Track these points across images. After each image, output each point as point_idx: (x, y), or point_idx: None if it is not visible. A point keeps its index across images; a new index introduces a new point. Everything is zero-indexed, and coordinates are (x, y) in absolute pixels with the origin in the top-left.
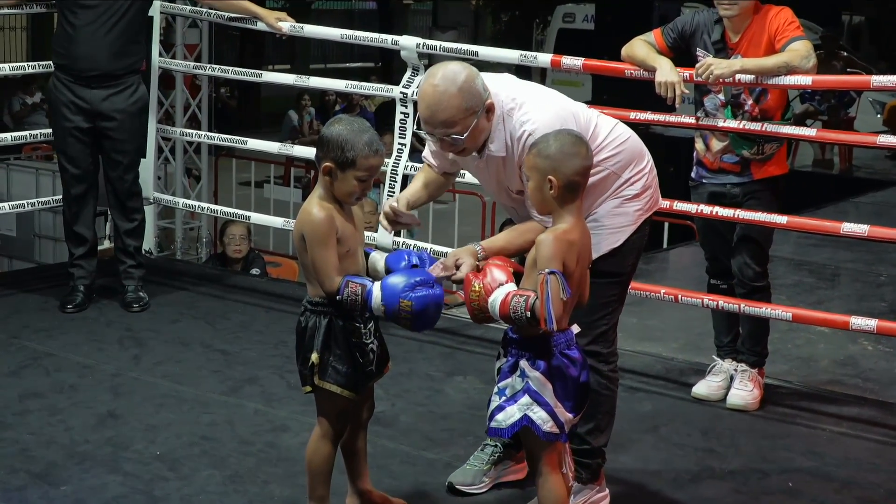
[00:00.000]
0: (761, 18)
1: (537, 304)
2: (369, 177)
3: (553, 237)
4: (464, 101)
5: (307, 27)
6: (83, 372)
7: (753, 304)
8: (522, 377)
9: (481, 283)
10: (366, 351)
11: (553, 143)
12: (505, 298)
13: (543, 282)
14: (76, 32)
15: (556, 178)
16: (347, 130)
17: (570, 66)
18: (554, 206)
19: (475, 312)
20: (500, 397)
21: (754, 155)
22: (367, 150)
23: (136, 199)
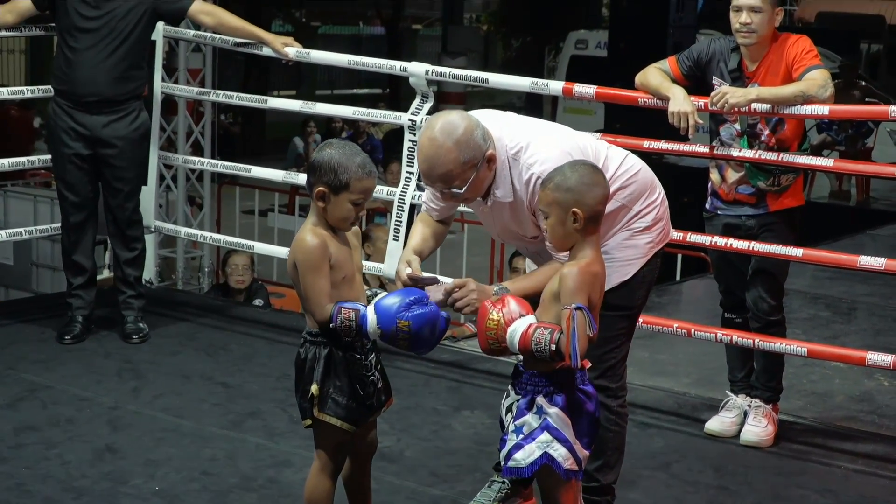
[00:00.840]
0: (779, 47)
1: (562, 340)
2: (363, 200)
3: (578, 270)
4: (461, 155)
5: (314, 53)
6: (81, 405)
7: (768, 339)
8: (540, 414)
9: (500, 313)
10: (367, 383)
11: (572, 176)
12: (526, 330)
13: (570, 317)
14: (76, 56)
15: (580, 210)
16: (339, 154)
17: (583, 95)
18: (577, 239)
19: (490, 343)
20: (518, 435)
21: (770, 186)
22: (361, 172)
23: (136, 227)
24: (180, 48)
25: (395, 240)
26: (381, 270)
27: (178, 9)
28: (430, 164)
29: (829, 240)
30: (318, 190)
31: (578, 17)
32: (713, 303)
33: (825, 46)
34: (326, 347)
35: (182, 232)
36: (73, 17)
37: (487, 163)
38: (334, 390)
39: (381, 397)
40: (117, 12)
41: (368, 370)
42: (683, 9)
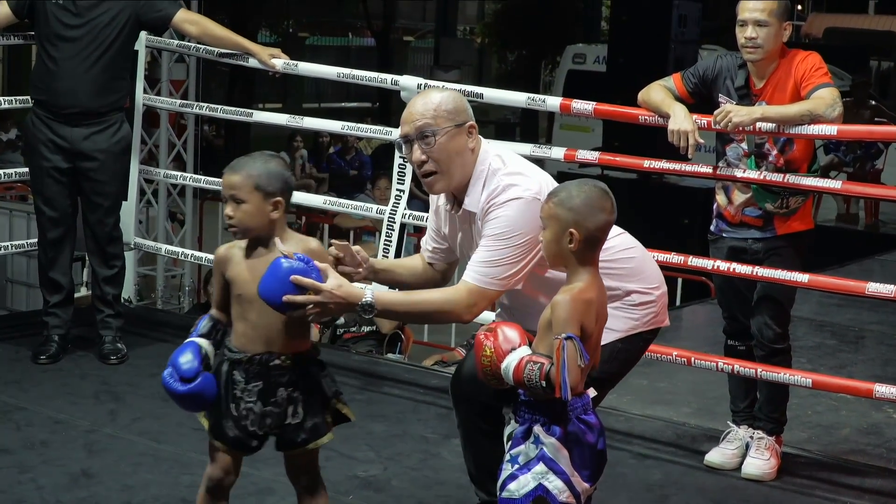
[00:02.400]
0: (787, 63)
1: (552, 372)
2: (224, 197)
3: (570, 298)
4: (444, 104)
5: (302, 65)
6: (55, 427)
7: (771, 369)
8: (536, 444)
9: (492, 347)
10: (242, 408)
11: (578, 195)
12: (519, 364)
13: (560, 348)
14: (57, 66)
15: (577, 231)
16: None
17: (581, 111)
18: (570, 260)
19: (488, 378)
20: (513, 465)
21: (778, 209)
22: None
23: (116, 244)
24: (163, 59)
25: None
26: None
27: (162, 17)
28: (417, 103)
29: (836, 265)
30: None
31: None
32: (714, 329)
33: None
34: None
35: (163, 249)
36: (54, 25)
37: (468, 133)
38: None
39: (267, 430)
40: (100, 21)
41: (250, 397)
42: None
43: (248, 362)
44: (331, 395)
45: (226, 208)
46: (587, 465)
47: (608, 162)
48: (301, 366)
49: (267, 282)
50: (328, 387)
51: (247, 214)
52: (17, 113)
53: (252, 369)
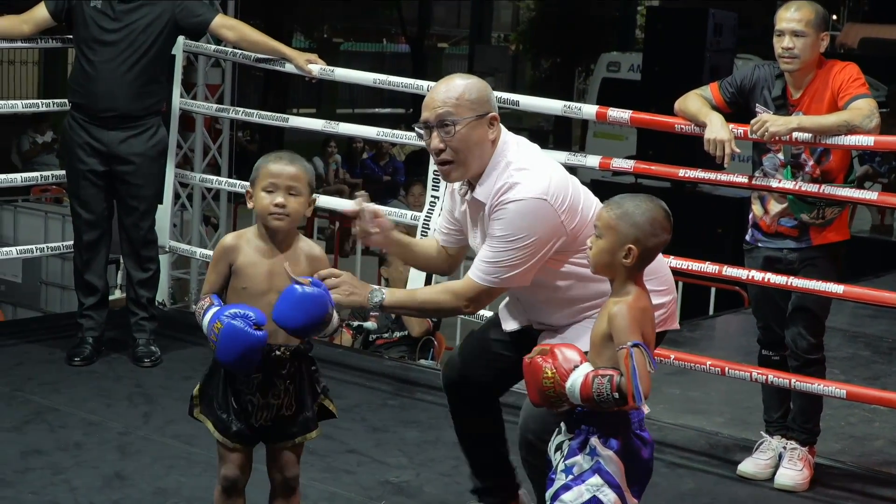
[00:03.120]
0: (825, 73)
1: (623, 382)
2: (276, 184)
3: (627, 307)
4: (467, 93)
5: (338, 70)
6: (89, 429)
7: (805, 380)
8: (592, 456)
9: (553, 367)
10: (242, 400)
11: (644, 213)
12: (585, 381)
13: (627, 356)
14: (95, 70)
15: (637, 247)
16: (261, 158)
17: (617, 119)
18: (620, 273)
19: (550, 400)
20: (567, 475)
21: (814, 219)
22: (268, 158)
23: (151, 247)
24: (199, 63)
25: None
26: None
27: (200, 22)
28: (439, 89)
29: (871, 276)
30: (246, 192)
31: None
32: (748, 339)
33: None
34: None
35: (197, 253)
36: (93, 29)
37: (489, 124)
38: (213, 393)
39: (262, 422)
40: (138, 25)
41: (249, 389)
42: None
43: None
44: (319, 391)
45: (274, 197)
46: (638, 480)
47: (643, 171)
48: (296, 359)
49: (283, 309)
50: (317, 382)
51: (300, 206)
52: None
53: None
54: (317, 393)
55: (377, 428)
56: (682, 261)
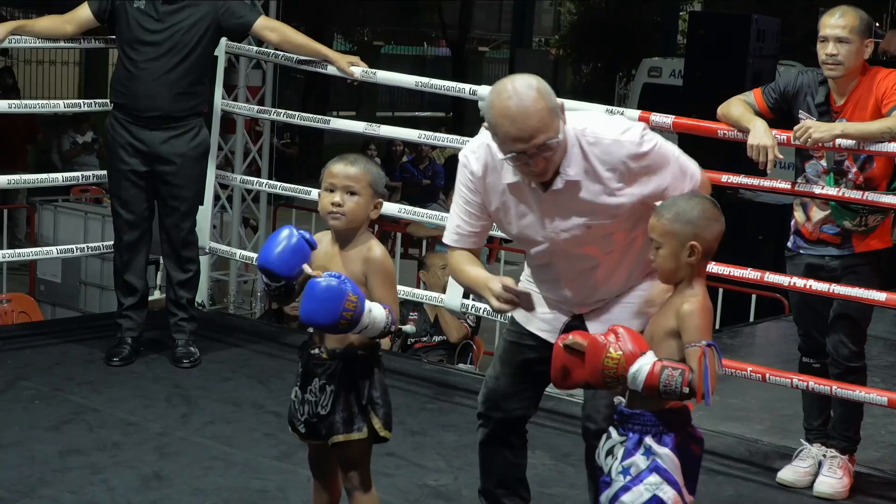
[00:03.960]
0: (868, 80)
1: (695, 379)
2: (334, 184)
3: (699, 307)
4: (547, 102)
5: (380, 73)
6: (128, 429)
7: (847, 387)
8: (647, 455)
9: (620, 350)
10: (295, 392)
11: (694, 208)
12: (653, 370)
13: (702, 354)
14: (137, 70)
15: (699, 243)
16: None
17: (660, 125)
18: (687, 273)
19: (606, 380)
20: (625, 477)
21: (856, 227)
22: (337, 158)
23: (191, 248)
24: (240, 65)
25: None
26: (442, 301)
27: (243, 24)
28: (523, 116)
29: None
30: (318, 194)
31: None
32: (788, 346)
33: None
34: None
35: (237, 254)
36: (136, 30)
37: (563, 122)
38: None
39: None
40: (181, 26)
41: (297, 380)
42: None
43: (301, 347)
44: (364, 402)
45: (333, 196)
46: (693, 476)
47: None
48: (343, 361)
49: (308, 306)
50: (365, 393)
51: (358, 207)
52: (94, 115)
53: (302, 355)
54: (362, 404)
55: (416, 431)
56: (724, 267)
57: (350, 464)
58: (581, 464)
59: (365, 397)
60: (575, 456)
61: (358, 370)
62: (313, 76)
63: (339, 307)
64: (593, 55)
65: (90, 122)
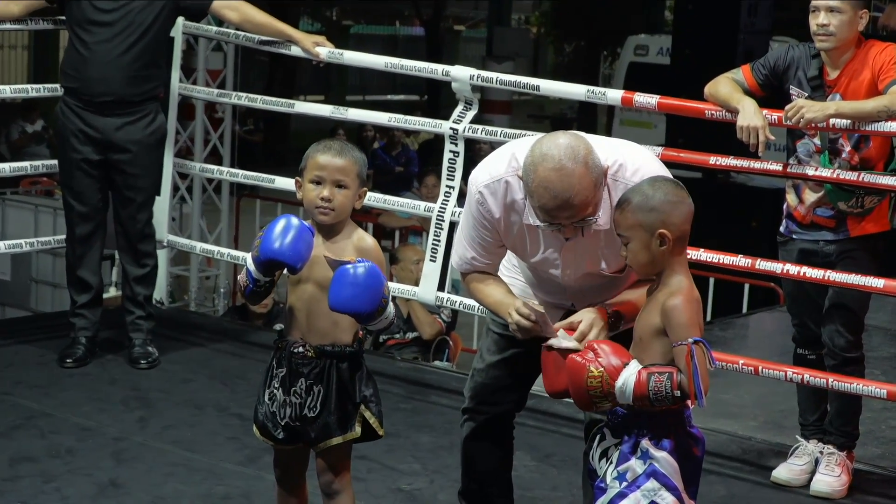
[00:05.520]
0: (863, 54)
1: (684, 381)
2: (323, 176)
3: (683, 300)
4: (593, 178)
5: (347, 54)
6: (82, 435)
7: (844, 379)
8: (644, 459)
9: (601, 367)
10: (272, 393)
11: (654, 194)
12: (639, 380)
13: (689, 353)
14: (89, 52)
15: (668, 230)
16: (313, 144)
17: (644, 105)
18: (665, 263)
19: (594, 400)
20: (621, 483)
21: (852, 208)
22: (316, 148)
23: (148, 241)
24: (199, 46)
25: (432, 261)
26: (415, 294)
27: (202, 3)
28: (569, 193)
29: None
30: (295, 180)
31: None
32: (783, 338)
33: None
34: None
35: (197, 248)
36: (87, 10)
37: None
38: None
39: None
40: (135, 5)
41: (275, 383)
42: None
43: (279, 348)
44: (357, 400)
45: (321, 190)
46: (694, 480)
47: (672, 158)
48: (331, 360)
49: (338, 293)
50: (357, 390)
51: (346, 199)
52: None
53: (281, 355)
54: (355, 402)
55: (389, 433)
56: (714, 254)
57: (339, 466)
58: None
59: (358, 395)
60: (557, 457)
61: (348, 367)
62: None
63: (381, 292)
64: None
65: (40, 111)
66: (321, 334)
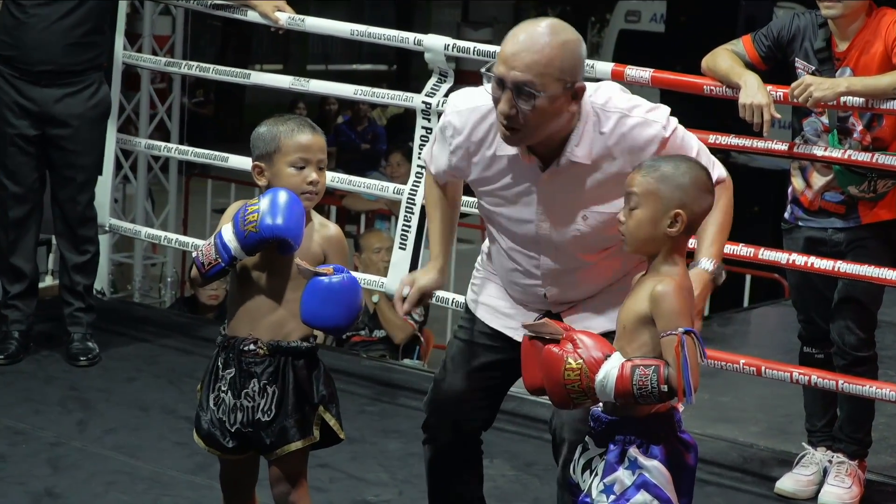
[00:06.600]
0: (875, 23)
1: (672, 375)
2: (307, 159)
3: (675, 287)
4: (560, 60)
5: (309, 20)
6: (15, 439)
7: (855, 381)
8: (633, 469)
9: (580, 359)
10: (218, 398)
11: (687, 172)
12: (622, 373)
13: (679, 344)
14: (26, 17)
15: (685, 213)
16: (269, 123)
17: (636, 79)
18: (663, 246)
19: (572, 397)
20: (608, 496)
21: (863, 193)
22: (289, 127)
23: (89, 226)
24: (145, 10)
25: (401, 248)
26: (383, 286)
27: None
28: (522, 47)
29: None
30: (253, 166)
31: None
32: (788, 335)
33: None
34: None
35: (142, 233)
36: None
37: (573, 98)
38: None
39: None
40: None
41: (223, 386)
42: None
43: (225, 346)
44: (316, 401)
45: (308, 174)
46: (687, 491)
47: None
48: (286, 357)
49: (313, 307)
50: (315, 390)
51: (324, 181)
52: None
53: (228, 354)
54: (313, 403)
55: (353, 439)
56: None
57: (295, 475)
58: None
59: (316, 396)
60: (539, 465)
61: (304, 365)
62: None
63: (358, 305)
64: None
65: None
66: (273, 329)
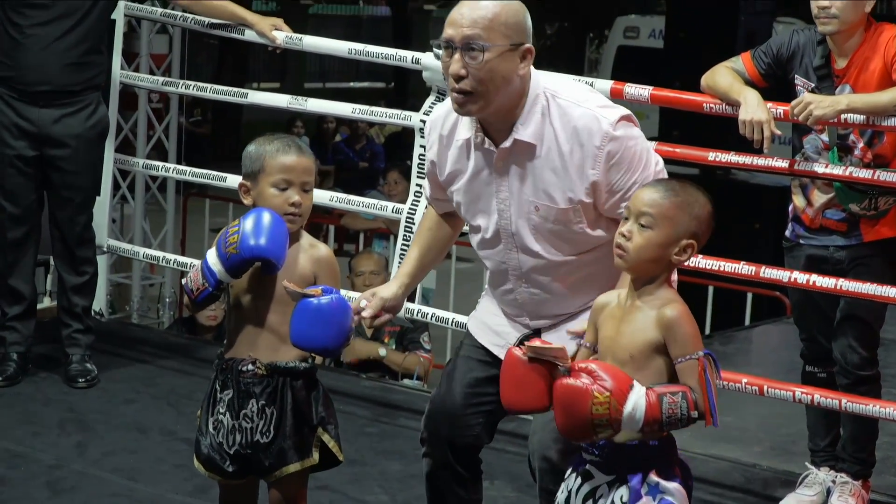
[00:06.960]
0: (873, 39)
1: (699, 399)
2: (290, 180)
3: (683, 312)
4: (504, 15)
5: (307, 39)
6: (14, 462)
7: (858, 400)
8: (654, 494)
9: (606, 391)
10: (217, 421)
11: (704, 206)
12: (650, 401)
13: (702, 368)
14: (23, 37)
15: (697, 244)
16: (258, 142)
17: (636, 97)
18: (662, 272)
19: (598, 430)
20: None
21: (865, 210)
22: (275, 147)
23: (87, 247)
24: (142, 29)
25: None
26: None
27: None
28: (468, 8)
29: None
30: (240, 184)
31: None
32: (791, 353)
33: None
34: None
35: (140, 253)
36: None
37: (522, 58)
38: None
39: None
40: None
41: (221, 408)
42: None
43: (223, 368)
44: (315, 422)
45: (290, 195)
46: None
47: (667, 154)
48: (284, 378)
49: (301, 329)
50: (314, 411)
51: (310, 202)
52: None
53: (227, 376)
54: (312, 424)
55: (354, 460)
56: (714, 260)
57: (295, 498)
58: None
59: (315, 417)
60: None
61: (303, 386)
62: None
63: (348, 326)
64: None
65: None
66: (269, 351)
